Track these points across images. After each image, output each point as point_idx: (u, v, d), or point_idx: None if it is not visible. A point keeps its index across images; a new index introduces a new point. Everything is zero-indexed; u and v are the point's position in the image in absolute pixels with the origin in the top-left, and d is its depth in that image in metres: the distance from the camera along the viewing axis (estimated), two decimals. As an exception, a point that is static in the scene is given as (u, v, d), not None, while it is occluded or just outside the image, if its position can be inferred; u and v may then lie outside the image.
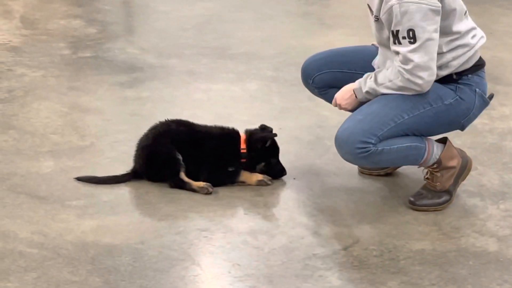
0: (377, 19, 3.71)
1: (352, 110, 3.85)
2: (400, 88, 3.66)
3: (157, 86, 5.33)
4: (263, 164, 4.12)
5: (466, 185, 4.06)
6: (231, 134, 4.14)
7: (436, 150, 3.85)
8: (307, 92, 4.25)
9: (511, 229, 3.76)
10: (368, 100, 3.78)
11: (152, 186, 4.00)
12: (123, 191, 3.97)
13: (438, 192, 3.90)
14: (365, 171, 4.20)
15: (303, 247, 3.57)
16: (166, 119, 4.15)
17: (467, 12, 3.80)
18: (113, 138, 4.51)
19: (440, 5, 3.58)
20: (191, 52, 5.84)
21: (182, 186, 3.99)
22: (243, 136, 4.12)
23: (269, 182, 4.08)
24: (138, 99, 5.13)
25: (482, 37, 3.81)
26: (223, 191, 4.01)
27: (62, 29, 6.20)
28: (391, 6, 3.57)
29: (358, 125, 3.70)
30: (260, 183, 4.08)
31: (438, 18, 3.58)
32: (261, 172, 4.10)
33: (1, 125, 4.62)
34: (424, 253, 3.55)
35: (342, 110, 3.95)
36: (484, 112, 4.31)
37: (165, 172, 4.03)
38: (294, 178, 4.13)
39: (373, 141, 3.68)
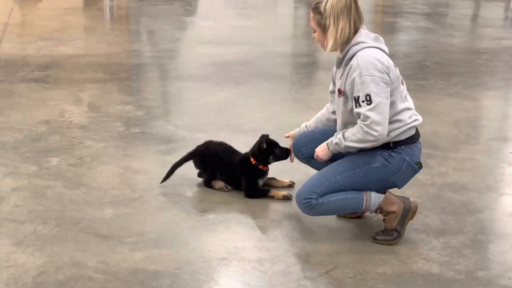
0: (344, 94, 3.72)
1: (327, 160, 3.85)
2: (360, 140, 3.63)
3: (188, 153, 5.33)
4: (271, 157, 4.37)
5: (414, 224, 4.07)
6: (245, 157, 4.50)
7: (374, 199, 3.80)
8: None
9: (449, 257, 3.77)
10: (338, 152, 3.77)
11: (186, 227, 4.02)
12: (164, 230, 3.98)
13: (390, 230, 3.89)
14: (341, 216, 4.20)
15: (296, 271, 3.57)
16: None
17: (408, 95, 3.80)
18: (156, 191, 4.53)
19: (388, 79, 3.61)
20: (213, 128, 5.88)
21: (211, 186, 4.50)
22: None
23: (290, 197, 4.28)
24: (174, 163, 5.14)
25: (416, 119, 3.77)
26: (240, 226, 4.01)
27: (118, 112, 6.25)
28: (354, 78, 3.61)
29: (306, 183, 3.79)
30: (285, 198, 4.27)
31: (388, 89, 3.60)
32: (276, 160, 4.38)
33: (74, 183, 4.65)
34: (386, 275, 3.56)
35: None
36: (427, 171, 4.32)
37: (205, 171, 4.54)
38: (289, 221, 4.15)
39: (313, 197, 3.72)
